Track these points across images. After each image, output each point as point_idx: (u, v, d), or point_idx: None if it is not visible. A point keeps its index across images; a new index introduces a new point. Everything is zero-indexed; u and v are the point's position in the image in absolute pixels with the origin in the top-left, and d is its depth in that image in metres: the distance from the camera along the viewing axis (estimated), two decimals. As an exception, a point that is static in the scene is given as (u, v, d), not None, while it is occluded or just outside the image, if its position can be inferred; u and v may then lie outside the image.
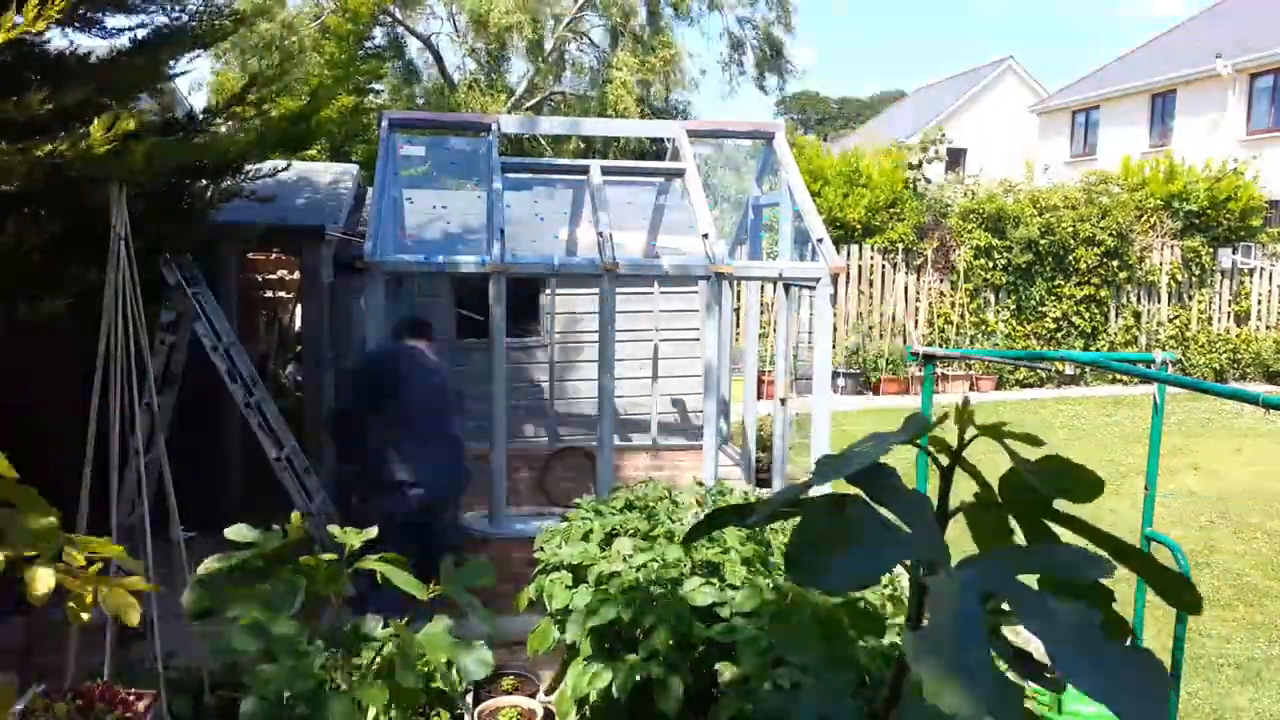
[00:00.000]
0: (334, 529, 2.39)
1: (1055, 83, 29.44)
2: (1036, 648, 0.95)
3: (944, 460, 1.09)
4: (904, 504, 1.06)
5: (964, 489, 1.17)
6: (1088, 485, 1.05)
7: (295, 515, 2.31)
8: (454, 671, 2.21)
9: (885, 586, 2.93)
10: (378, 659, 2.20)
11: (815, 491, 1.08)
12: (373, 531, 2.42)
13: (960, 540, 1.09)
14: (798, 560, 0.99)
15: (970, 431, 1.09)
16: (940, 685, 0.82)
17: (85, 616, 1.59)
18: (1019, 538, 1.12)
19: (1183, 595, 1.03)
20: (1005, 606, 0.96)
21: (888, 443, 1.06)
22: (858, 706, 1.12)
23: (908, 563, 1.05)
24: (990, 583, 0.95)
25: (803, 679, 1.55)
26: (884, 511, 1.06)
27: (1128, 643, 1.07)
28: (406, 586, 2.22)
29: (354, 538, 2.33)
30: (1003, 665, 0.97)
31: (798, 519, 1.04)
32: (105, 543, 1.63)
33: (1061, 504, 1.08)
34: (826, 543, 0.99)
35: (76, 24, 3.93)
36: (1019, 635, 1.15)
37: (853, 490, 1.10)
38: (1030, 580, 1.03)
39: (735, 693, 2.20)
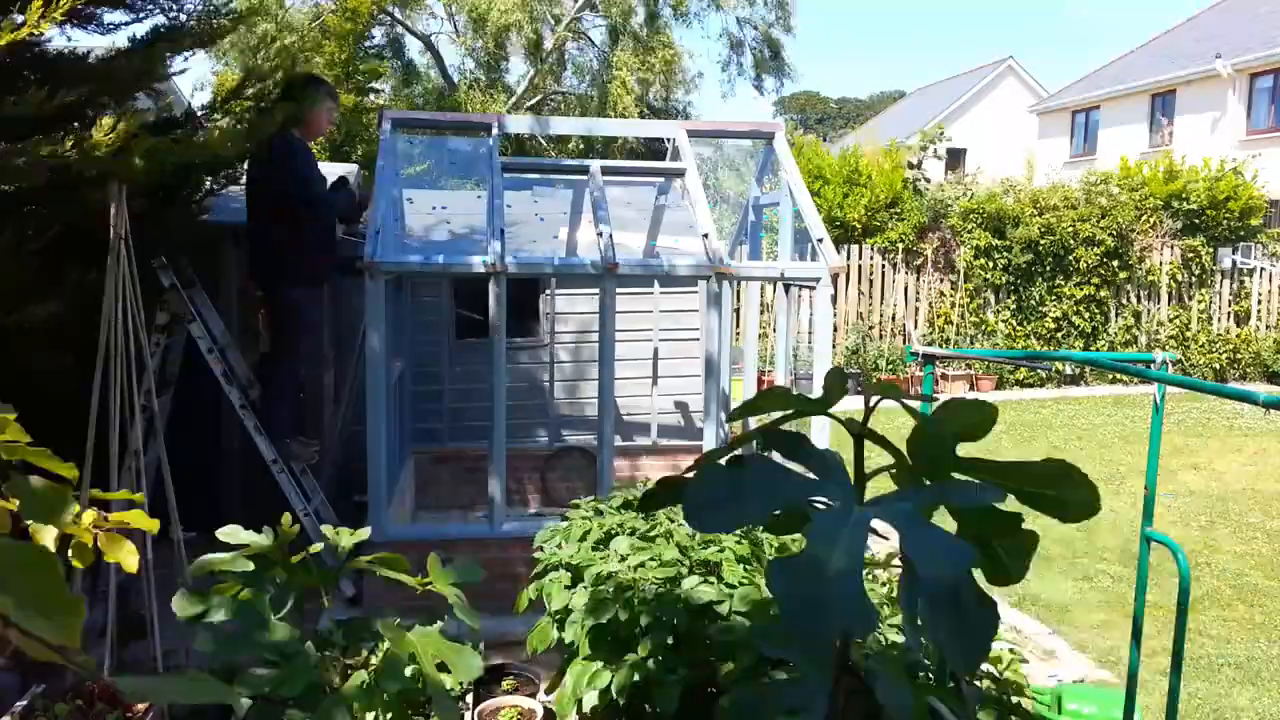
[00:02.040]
0: (327, 529, 2.39)
1: (1055, 83, 29.45)
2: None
3: (854, 431, 1.18)
4: (818, 462, 1.15)
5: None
6: (982, 416, 1.13)
7: (286, 517, 2.31)
8: (432, 676, 2.21)
9: (883, 585, 2.93)
10: (372, 659, 2.20)
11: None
12: (366, 532, 2.42)
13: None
14: (691, 510, 1.06)
15: (874, 398, 1.17)
16: (795, 602, 0.88)
17: (85, 560, 1.61)
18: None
19: (1078, 500, 1.09)
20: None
21: (803, 409, 1.16)
22: (831, 696, 1.14)
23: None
24: (886, 515, 1.01)
25: (788, 673, 1.56)
26: (791, 465, 1.14)
27: (1029, 557, 1.16)
28: (405, 581, 2.22)
29: (347, 538, 2.33)
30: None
31: (697, 476, 1.12)
32: (127, 494, 1.64)
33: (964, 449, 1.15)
34: (722, 493, 1.06)
35: (75, 21, 3.93)
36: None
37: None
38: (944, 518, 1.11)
39: (732, 691, 2.20)
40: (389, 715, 2.07)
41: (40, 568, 0.68)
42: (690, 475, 1.14)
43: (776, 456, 1.19)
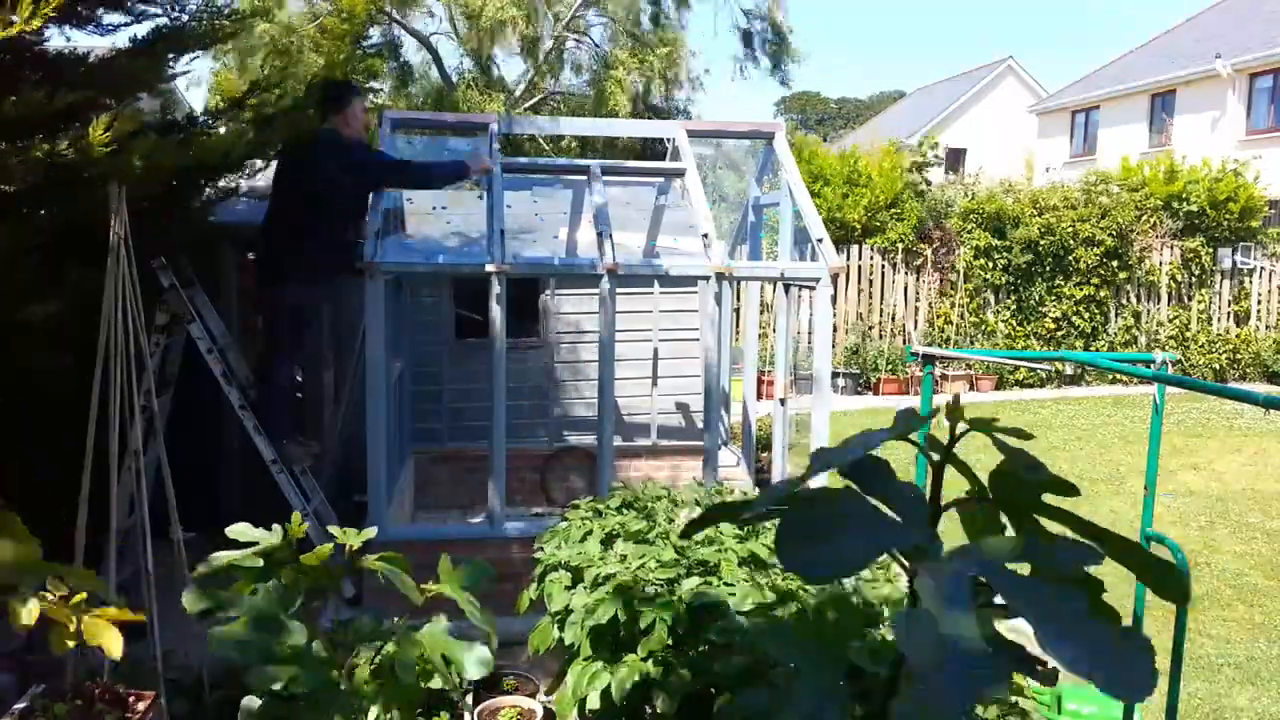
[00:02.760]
0: (333, 528, 2.39)
1: (1055, 83, 29.46)
2: (1028, 638, 0.97)
3: (935, 456, 1.10)
4: (896, 496, 1.08)
5: (958, 488, 1.17)
6: (1066, 488, 1.07)
7: (296, 515, 2.31)
8: (453, 671, 2.21)
9: (883, 585, 2.93)
10: (377, 658, 2.20)
11: (813, 484, 1.09)
12: (371, 532, 2.42)
13: (955, 537, 1.10)
14: (786, 548, 1.00)
15: (961, 426, 1.09)
16: (926, 659, 0.84)
17: (70, 644, 1.59)
18: (1010, 534, 1.13)
19: (1171, 586, 1.05)
20: (997, 600, 0.98)
21: (881, 437, 1.07)
22: (843, 703, 1.13)
23: (899, 555, 1.07)
24: (978, 569, 0.97)
25: (794, 677, 1.56)
26: (875, 502, 1.07)
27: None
28: (405, 588, 2.22)
29: (353, 537, 2.33)
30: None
31: (787, 510, 1.05)
32: (89, 574, 1.63)
33: (1052, 499, 1.09)
34: (815, 531, 1.00)
35: (73, 21, 3.93)
36: (1015, 634, 1.16)
37: (845, 483, 1.11)
38: (1021, 571, 1.04)
39: (736, 692, 2.20)
40: (397, 713, 2.07)
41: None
42: (757, 508, 1.09)
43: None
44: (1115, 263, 13.77)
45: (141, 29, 4.26)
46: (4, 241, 3.49)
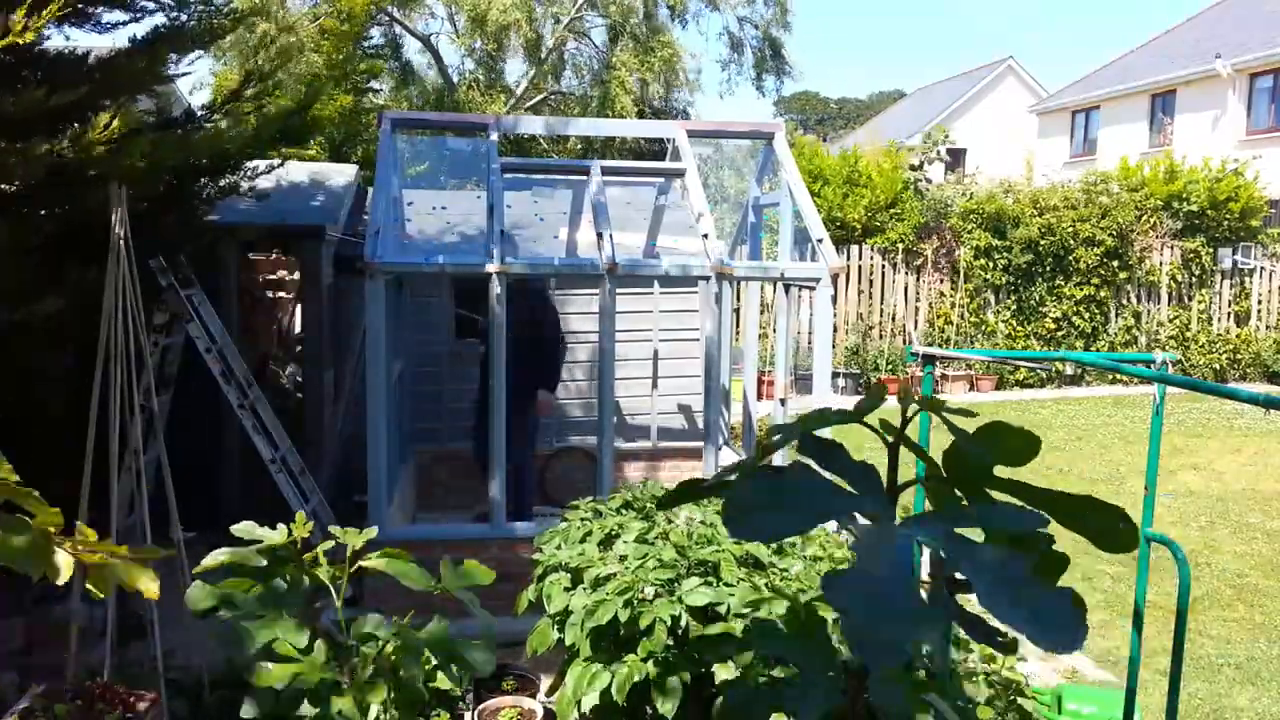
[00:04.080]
0: (335, 528, 2.39)
1: (1055, 83, 29.45)
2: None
3: (889, 437, 1.16)
4: (852, 473, 1.14)
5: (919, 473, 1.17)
6: (1024, 445, 1.13)
7: (300, 515, 2.31)
8: (454, 670, 2.21)
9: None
10: (379, 657, 2.20)
11: (777, 462, 1.14)
12: (373, 532, 2.42)
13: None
14: (730, 515, 1.05)
15: (912, 409, 1.16)
16: (855, 613, 0.89)
17: (110, 590, 1.60)
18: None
19: (1120, 535, 1.10)
20: (959, 576, 1.02)
21: (839, 416, 1.14)
22: (838, 698, 1.15)
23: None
24: (926, 534, 1.02)
25: (786, 673, 1.56)
26: (830, 477, 1.13)
27: (1061, 580, 1.15)
28: (411, 580, 2.23)
29: (354, 537, 2.33)
30: (957, 628, 1.04)
31: (738, 482, 1.10)
32: (109, 544, 1.64)
33: (1004, 470, 1.15)
34: (762, 501, 1.05)
35: (73, 20, 3.93)
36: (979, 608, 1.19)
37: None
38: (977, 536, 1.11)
39: (729, 690, 2.20)
40: (397, 714, 2.07)
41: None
42: (715, 479, 1.13)
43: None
44: (1115, 263, 13.76)
45: (141, 28, 4.26)
46: (4, 241, 3.49)
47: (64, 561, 1.41)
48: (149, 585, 1.63)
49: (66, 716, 3.00)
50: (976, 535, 1.10)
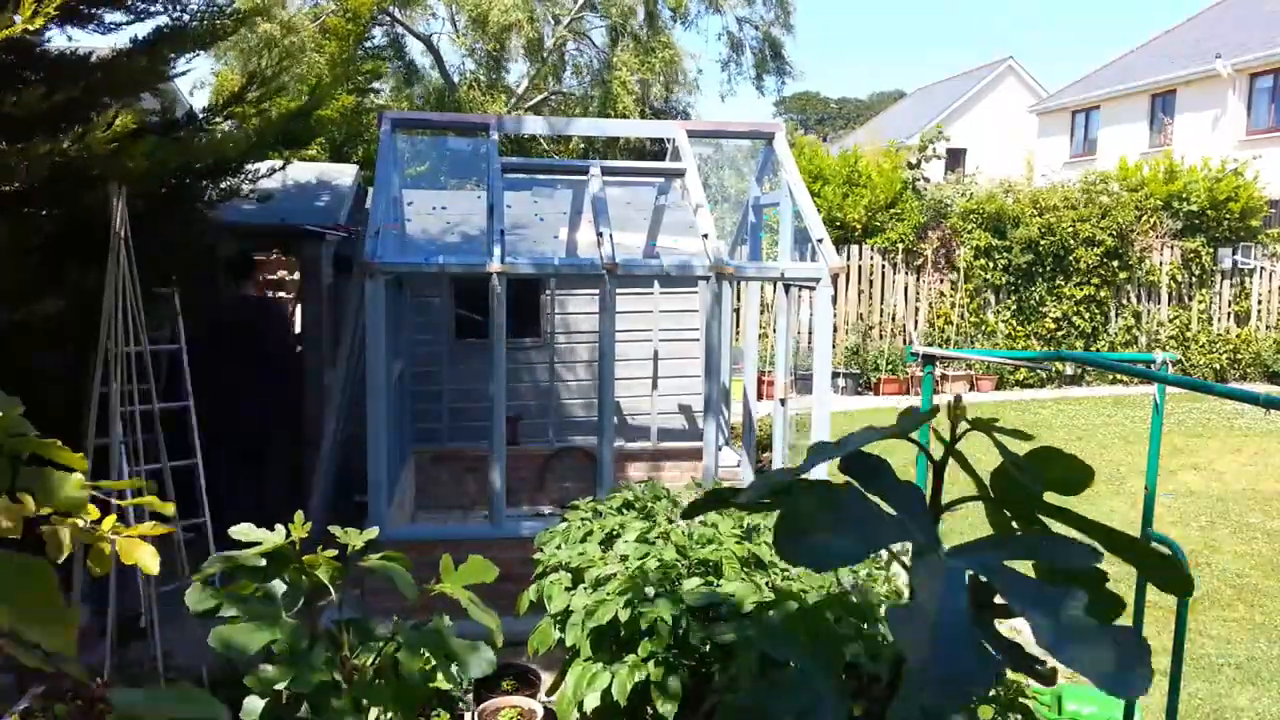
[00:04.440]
0: (335, 529, 2.39)
1: (1055, 83, 29.45)
2: (1028, 641, 0.97)
3: (937, 454, 1.11)
4: (896, 493, 1.08)
5: (958, 489, 1.17)
6: (1077, 476, 1.08)
7: (299, 515, 2.31)
8: (455, 670, 2.21)
9: (881, 584, 2.93)
10: (378, 657, 2.20)
11: (812, 476, 1.10)
12: (374, 532, 2.42)
13: (955, 539, 1.10)
14: (785, 540, 1.01)
15: (962, 426, 1.10)
16: (921, 653, 0.85)
17: (108, 567, 1.60)
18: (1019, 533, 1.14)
19: (1174, 579, 1.05)
20: (998, 600, 0.98)
21: (881, 434, 1.07)
22: (842, 702, 1.13)
23: (898, 551, 1.08)
24: (977, 566, 0.98)
25: (791, 675, 1.56)
26: (874, 499, 1.08)
27: (1116, 621, 1.10)
28: (403, 586, 2.22)
29: (355, 538, 2.33)
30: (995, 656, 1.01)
31: (789, 500, 1.05)
32: (111, 520, 1.63)
33: (1054, 498, 1.09)
34: (815, 524, 1.01)
35: (75, 20, 3.93)
36: (1018, 635, 1.16)
37: (844, 480, 1.12)
38: (1025, 569, 1.06)
39: (735, 692, 2.20)
40: (397, 713, 2.07)
41: (38, 578, 0.68)
42: (753, 492, 1.09)
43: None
44: (1115, 263, 13.76)
45: (143, 28, 4.26)
46: (4, 241, 3.49)
47: (65, 537, 1.41)
48: (149, 561, 1.63)
49: (66, 716, 3.00)
50: (1023, 565, 1.06)
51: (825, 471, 4.02)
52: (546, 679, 4.07)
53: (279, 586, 2.09)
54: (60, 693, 3.18)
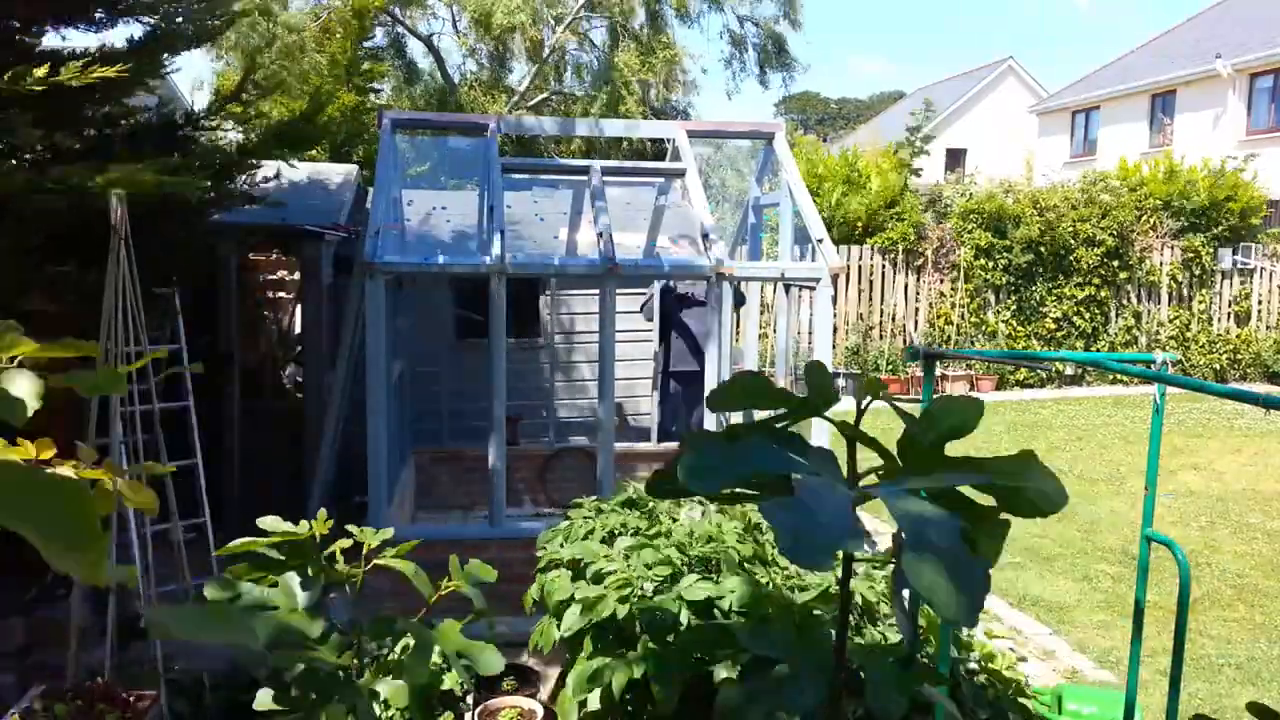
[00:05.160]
0: (352, 527, 2.42)
1: (1055, 83, 29.45)
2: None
3: (844, 433, 1.22)
4: (810, 457, 1.18)
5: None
6: (971, 411, 1.17)
7: (322, 512, 2.33)
8: (463, 668, 2.22)
9: (878, 583, 2.93)
10: (388, 655, 2.22)
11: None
12: (389, 532, 2.44)
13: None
14: (687, 471, 1.10)
15: (866, 400, 1.21)
16: (792, 527, 0.95)
17: (109, 509, 1.61)
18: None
19: (1039, 494, 1.12)
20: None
21: (794, 415, 1.20)
22: (834, 698, 1.15)
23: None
24: (881, 492, 1.07)
25: (786, 673, 1.57)
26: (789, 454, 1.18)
27: (1001, 540, 1.22)
28: (420, 585, 2.24)
29: (371, 536, 2.34)
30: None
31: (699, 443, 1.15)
32: (110, 464, 1.65)
33: (957, 445, 1.18)
34: (717, 458, 1.12)
35: (68, 18, 3.94)
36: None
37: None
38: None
39: (727, 689, 2.20)
40: (408, 707, 2.08)
41: (70, 498, 0.67)
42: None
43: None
44: (1116, 263, 13.76)
45: (136, 28, 4.27)
46: (4, 241, 3.49)
47: (66, 472, 1.41)
48: (149, 502, 1.65)
49: (66, 716, 3.00)
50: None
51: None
52: (547, 678, 4.07)
53: (294, 578, 2.10)
54: (60, 693, 3.18)
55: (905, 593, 1.14)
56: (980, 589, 0.97)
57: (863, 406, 1.20)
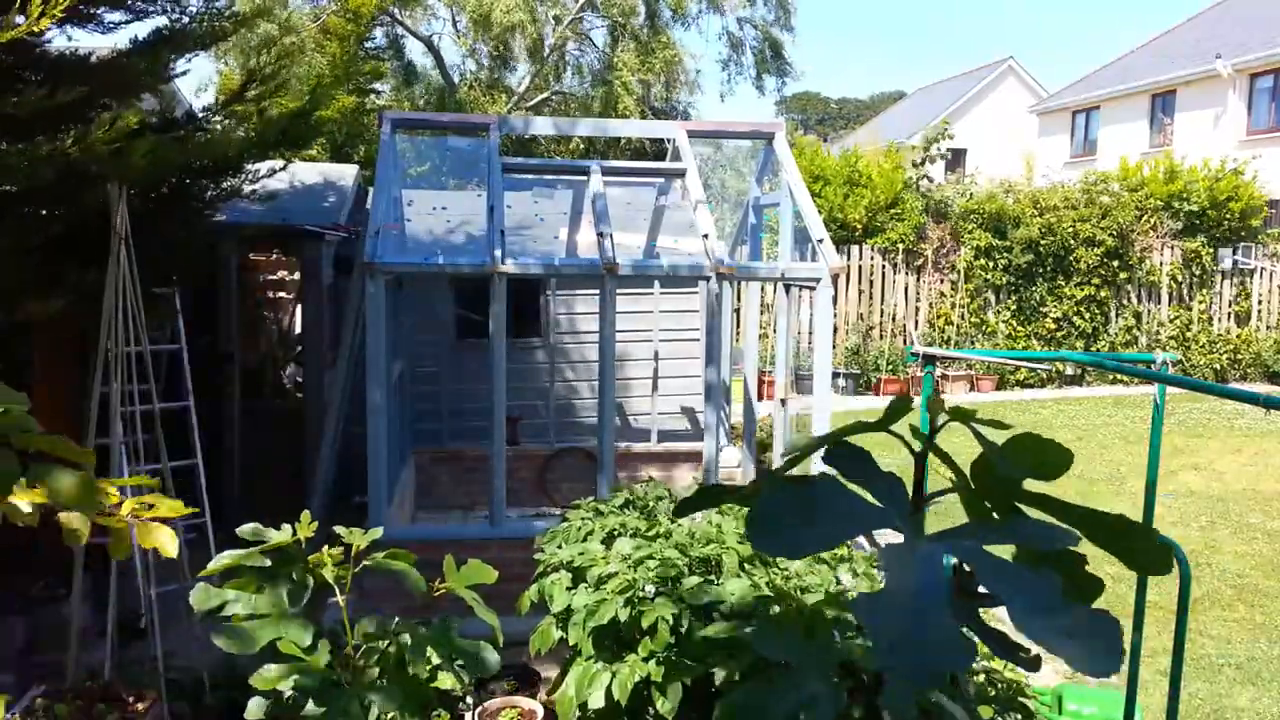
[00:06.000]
0: (340, 529, 2.40)
1: (1055, 83, 29.45)
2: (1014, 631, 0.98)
3: (917, 446, 1.12)
4: (878, 484, 1.09)
5: (947, 481, 1.17)
6: (1055, 461, 1.09)
7: (305, 515, 2.31)
8: (459, 669, 2.21)
9: (880, 581, 2.93)
10: (382, 656, 2.20)
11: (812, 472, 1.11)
12: (378, 533, 2.43)
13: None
14: (757, 531, 1.02)
15: (942, 418, 1.11)
16: (889, 637, 0.85)
17: (127, 552, 1.60)
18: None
19: (1153, 559, 1.07)
20: (982, 590, 0.99)
21: (864, 428, 1.08)
22: (837, 698, 1.14)
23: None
24: (955, 551, 0.99)
25: (789, 674, 1.56)
26: (854, 488, 1.09)
27: (1095, 603, 1.11)
28: (414, 586, 2.23)
29: (359, 538, 2.33)
30: (979, 643, 1.01)
31: (763, 496, 1.06)
32: (131, 503, 1.63)
33: (1034, 485, 1.11)
34: (789, 514, 1.01)
35: (75, 19, 3.93)
36: (1003, 624, 1.17)
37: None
38: (1005, 554, 1.06)
39: (733, 692, 2.20)
40: (405, 713, 2.07)
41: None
42: (744, 488, 1.11)
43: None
44: (1116, 263, 13.76)
45: (143, 28, 4.26)
46: (5, 241, 3.49)
47: (80, 523, 1.41)
48: (168, 544, 1.63)
49: (66, 716, 3.00)
50: (1005, 552, 1.06)
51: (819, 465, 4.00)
52: (547, 678, 4.07)
53: (284, 585, 2.09)
54: (61, 693, 3.18)
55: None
56: (1111, 635, 0.92)
57: (938, 424, 1.13)
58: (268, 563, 2.10)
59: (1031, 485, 1.11)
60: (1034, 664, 1.21)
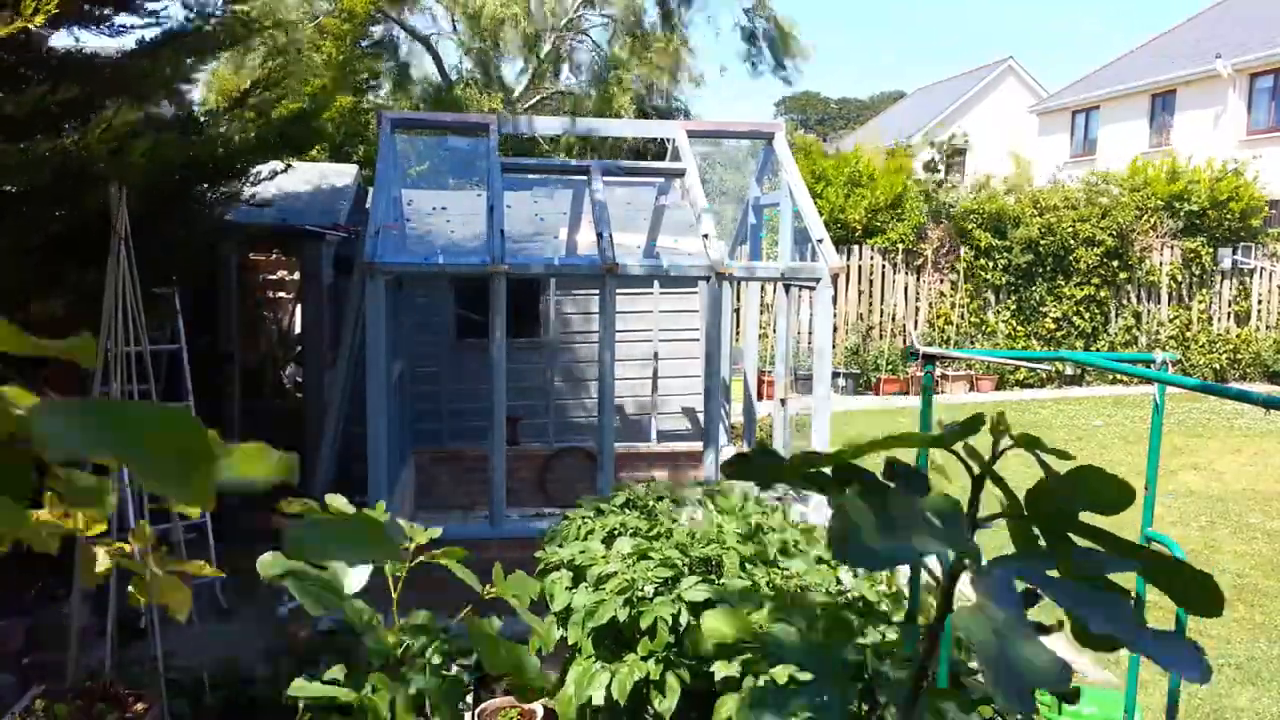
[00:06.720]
0: (404, 523, 2.45)
1: (1055, 83, 29.46)
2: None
3: (975, 469, 1.12)
4: (935, 504, 1.09)
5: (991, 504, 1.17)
6: (1116, 496, 1.09)
7: (380, 504, 2.35)
8: (459, 667, 2.25)
9: (880, 584, 2.93)
10: (429, 650, 2.25)
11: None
12: (437, 531, 2.46)
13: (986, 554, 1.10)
14: (839, 539, 1.03)
15: (1005, 442, 1.12)
16: (988, 653, 0.89)
17: (143, 599, 1.60)
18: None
19: (1206, 601, 1.07)
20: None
21: (923, 440, 1.09)
22: (845, 697, 1.14)
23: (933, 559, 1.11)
24: (1022, 574, 1.01)
25: (796, 676, 1.56)
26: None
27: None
28: (469, 583, 2.27)
29: (420, 534, 2.37)
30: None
31: (837, 503, 1.08)
32: (159, 555, 1.63)
33: (1089, 517, 1.13)
34: (867, 528, 1.03)
35: (82, 21, 3.93)
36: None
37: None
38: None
39: (732, 692, 2.21)
40: (439, 697, 2.11)
41: (179, 423, 0.61)
42: (789, 457, 1.12)
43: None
44: (1116, 263, 13.76)
45: (152, 32, 4.25)
46: (5, 241, 3.49)
47: (102, 560, 1.41)
48: (179, 606, 1.62)
49: (66, 717, 3.00)
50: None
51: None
52: (547, 678, 4.07)
53: (344, 564, 2.11)
54: (61, 693, 3.18)
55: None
56: (1189, 644, 0.95)
57: (999, 449, 1.13)
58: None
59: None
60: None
